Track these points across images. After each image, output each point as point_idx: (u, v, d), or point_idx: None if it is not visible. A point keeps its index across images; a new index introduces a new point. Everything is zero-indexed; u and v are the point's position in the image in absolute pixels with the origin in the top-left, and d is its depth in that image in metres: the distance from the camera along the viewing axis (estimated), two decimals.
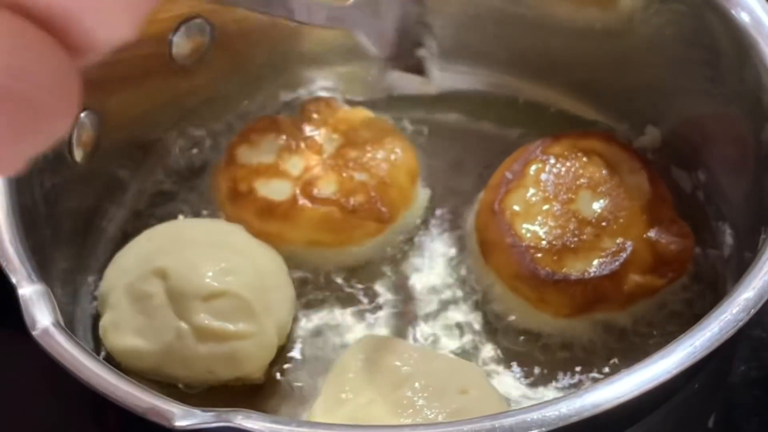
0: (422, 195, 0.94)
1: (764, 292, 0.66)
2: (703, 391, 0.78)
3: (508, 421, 0.60)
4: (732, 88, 0.84)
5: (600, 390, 0.62)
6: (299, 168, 0.91)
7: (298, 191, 0.89)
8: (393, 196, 0.90)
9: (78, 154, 0.86)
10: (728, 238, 0.86)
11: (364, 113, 0.96)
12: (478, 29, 0.99)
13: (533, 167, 0.89)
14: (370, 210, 0.88)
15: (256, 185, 0.90)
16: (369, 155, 0.91)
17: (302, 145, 0.93)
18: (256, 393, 0.82)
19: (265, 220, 0.88)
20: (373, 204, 0.88)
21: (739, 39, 0.80)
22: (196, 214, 0.93)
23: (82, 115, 0.85)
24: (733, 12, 0.80)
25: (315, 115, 0.95)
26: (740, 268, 0.79)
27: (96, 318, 0.84)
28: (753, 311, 0.65)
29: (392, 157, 0.92)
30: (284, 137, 0.93)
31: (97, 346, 0.83)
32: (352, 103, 1.00)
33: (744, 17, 0.80)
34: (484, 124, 1.00)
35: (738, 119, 0.84)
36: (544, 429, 0.60)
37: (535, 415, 0.61)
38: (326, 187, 0.89)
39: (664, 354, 0.63)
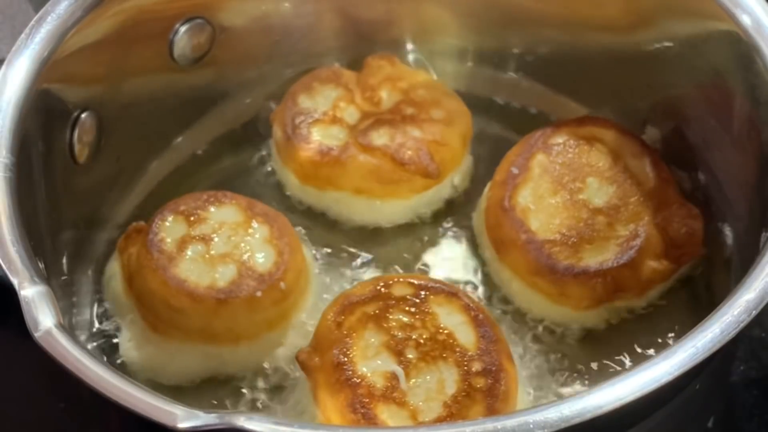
0: (467, 161, 0.96)
1: (765, 294, 0.66)
2: (703, 391, 0.78)
3: (510, 423, 0.60)
4: (733, 88, 0.84)
5: (602, 391, 0.62)
6: (355, 117, 0.93)
7: (352, 139, 0.91)
8: (444, 155, 0.91)
9: (79, 155, 0.86)
10: (728, 239, 0.87)
11: (425, 75, 0.98)
12: (482, 27, 0.99)
13: (537, 159, 0.89)
14: (420, 165, 0.89)
15: (312, 130, 0.92)
16: (425, 114, 0.93)
17: (361, 96, 0.95)
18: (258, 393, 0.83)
19: (317, 164, 0.90)
20: (424, 159, 0.89)
21: (740, 41, 0.80)
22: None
23: (83, 115, 0.85)
24: (734, 13, 0.80)
25: (377, 70, 0.96)
26: (741, 268, 0.79)
27: (97, 318, 0.84)
28: (754, 312, 0.65)
29: (447, 118, 0.93)
30: (344, 88, 0.95)
31: (96, 346, 0.83)
32: None
33: (746, 19, 0.80)
34: (481, 123, 1.00)
35: (738, 120, 0.84)
36: (546, 430, 0.60)
37: (537, 417, 0.61)
38: (379, 138, 0.91)
39: (666, 355, 0.63)
